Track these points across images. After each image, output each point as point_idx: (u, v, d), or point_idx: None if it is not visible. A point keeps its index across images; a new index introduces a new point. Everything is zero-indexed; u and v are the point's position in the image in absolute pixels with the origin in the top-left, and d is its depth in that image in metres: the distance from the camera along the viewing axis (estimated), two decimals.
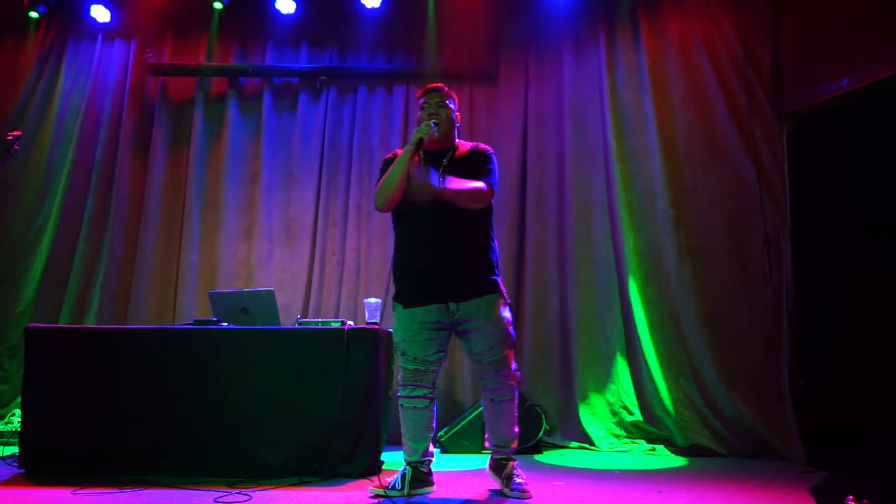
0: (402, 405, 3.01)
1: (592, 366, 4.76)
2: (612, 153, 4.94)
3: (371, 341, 3.48)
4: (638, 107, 4.96)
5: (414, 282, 2.96)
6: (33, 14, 5.59)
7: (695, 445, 4.35)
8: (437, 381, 3.05)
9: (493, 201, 3.02)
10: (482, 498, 2.97)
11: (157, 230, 5.33)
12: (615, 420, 4.62)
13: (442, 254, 2.91)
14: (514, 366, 2.99)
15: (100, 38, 5.65)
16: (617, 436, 4.57)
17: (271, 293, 3.78)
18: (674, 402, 4.48)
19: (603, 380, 4.73)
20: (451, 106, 3.10)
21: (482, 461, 4.02)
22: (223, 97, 5.55)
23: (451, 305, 2.89)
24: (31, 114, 5.51)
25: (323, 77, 5.52)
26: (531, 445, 4.34)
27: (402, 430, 3.03)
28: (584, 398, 4.71)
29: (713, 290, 4.58)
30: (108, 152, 5.44)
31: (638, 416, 4.58)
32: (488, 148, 3.10)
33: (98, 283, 5.21)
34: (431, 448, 3.07)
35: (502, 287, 2.99)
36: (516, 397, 3.03)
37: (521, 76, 5.34)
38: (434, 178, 2.75)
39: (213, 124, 5.51)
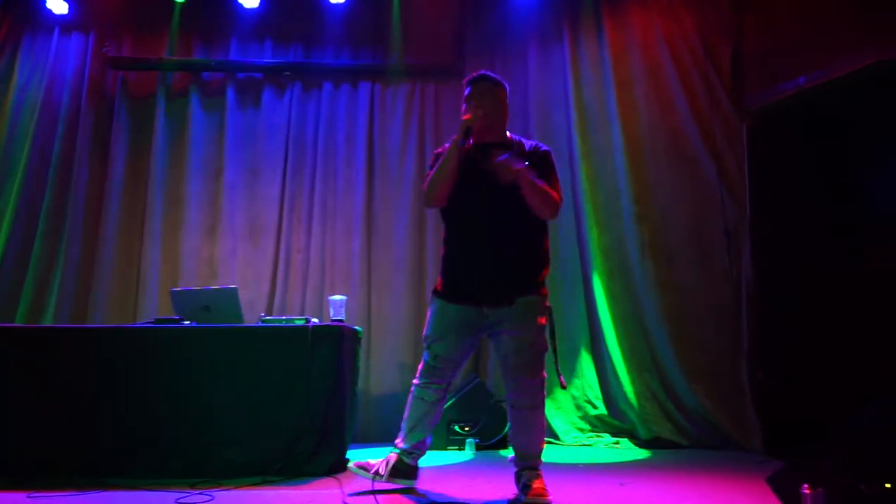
0: (412, 392, 2.97)
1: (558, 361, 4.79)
2: (577, 150, 4.98)
3: (336, 338, 3.46)
4: (602, 104, 5.01)
5: (455, 280, 2.87)
6: None
7: (657, 438, 4.42)
8: (453, 380, 2.98)
9: None
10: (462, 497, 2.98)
11: (118, 227, 5.22)
12: (580, 414, 4.67)
13: (489, 258, 2.78)
14: (541, 374, 2.78)
15: (57, 30, 5.50)
16: (581, 430, 4.61)
17: (234, 291, 3.74)
18: (637, 395, 4.54)
19: (568, 374, 4.77)
20: (500, 95, 2.92)
21: (449, 457, 4.03)
22: (185, 92, 5.46)
23: (486, 309, 2.79)
24: None
25: (287, 73, 5.46)
26: (496, 441, 4.36)
27: (405, 415, 2.97)
28: (549, 393, 4.72)
29: (676, 285, 4.64)
30: (66, 147, 5.31)
31: (602, 410, 4.64)
32: (550, 149, 2.93)
33: (56, 281, 5.08)
34: (427, 444, 2.99)
35: (544, 292, 2.83)
36: (543, 408, 2.82)
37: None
38: (515, 162, 2.64)
39: (175, 120, 5.42)
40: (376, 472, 2.90)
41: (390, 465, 2.93)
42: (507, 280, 2.76)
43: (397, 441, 2.98)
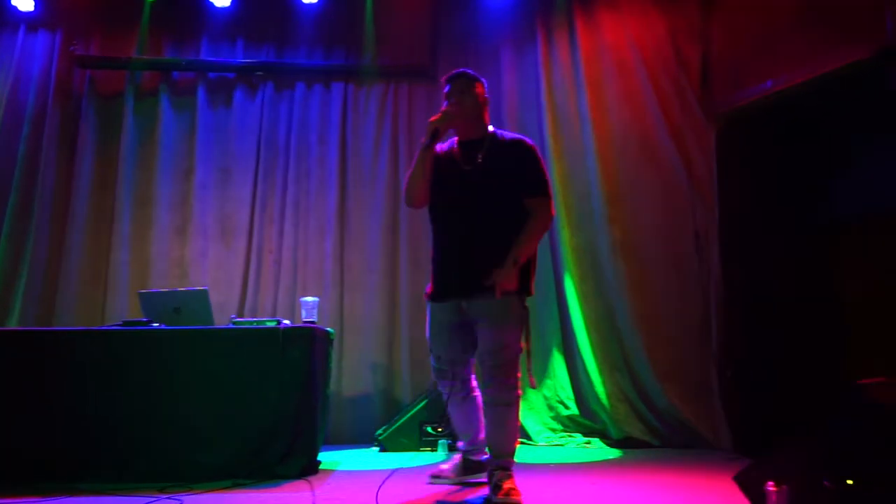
0: (445, 399, 3.05)
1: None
2: (550, 151, 5.00)
3: (307, 340, 3.45)
4: (574, 105, 5.04)
5: (436, 279, 2.93)
6: None
7: (629, 438, 4.46)
8: (465, 376, 3.02)
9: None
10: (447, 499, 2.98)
11: (86, 228, 5.13)
12: (552, 414, 4.69)
13: (460, 252, 2.83)
14: (515, 374, 2.80)
15: (22, 28, 5.39)
16: (553, 430, 4.64)
17: (204, 292, 3.70)
18: (608, 395, 4.58)
19: (540, 375, 4.79)
20: (477, 91, 2.94)
21: (422, 458, 4.03)
22: (155, 92, 5.38)
23: (463, 304, 2.82)
24: None
25: (259, 73, 5.42)
26: None
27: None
28: (522, 393, 4.75)
29: (647, 286, 4.69)
30: (31, 147, 5.20)
31: (574, 410, 4.67)
32: (535, 145, 2.93)
33: (21, 283, 4.96)
34: (481, 439, 3.04)
35: (526, 289, 2.83)
36: (516, 408, 2.83)
37: None
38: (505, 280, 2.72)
39: (144, 119, 5.34)
40: (448, 476, 3.14)
41: (457, 465, 3.14)
42: (477, 270, 2.75)
43: (459, 443, 3.21)
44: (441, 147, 2.97)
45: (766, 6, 4.37)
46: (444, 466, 3.19)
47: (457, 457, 3.18)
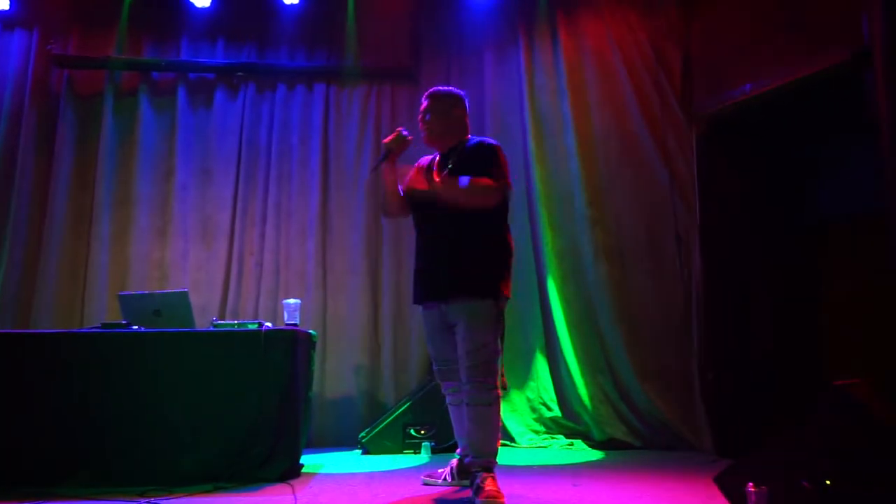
0: (446, 401, 3.18)
1: (513, 363, 4.81)
2: (532, 154, 5.02)
3: (289, 342, 3.43)
4: (556, 109, 5.05)
5: (416, 283, 3.07)
6: None
7: (611, 439, 4.48)
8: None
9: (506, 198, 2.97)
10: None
11: (64, 230, 5.07)
12: (535, 416, 4.70)
13: (434, 255, 2.97)
14: (493, 375, 2.83)
15: None
16: (536, 432, 4.65)
17: (185, 294, 3.67)
18: (591, 397, 4.59)
19: (523, 377, 4.80)
20: (443, 107, 3.08)
21: (405, 461, 4.02)
22: (135, 92, 5.33)
23: (442, 306, 2.93)
24: None
25: (241, 73, 5.38)
26: (451, 444, 4.36)
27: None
28: (505, 395, 4.76)
29: (628, 288, 4.71)
30: (8, 147, 5.13)
31: (557, 412, 4.68)
32: (494, 142, 3.03)
33: None
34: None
35: (500, 293, 2.87)
36: (497, 408, 2.86)
37: (442, 76, 5.34)
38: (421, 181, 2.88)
39: (123, 119, 5.28)
40: (444, 479, 3.13)
41: (453, 469, 3.14)
42: (449, 275, 2.88)
43: (458, 450, 3.20)
44: (424, 160, 3.15)
45: (745, 10, 4.42)
46: (441, 470, 3.21)
47: (453, 461, 3.19)
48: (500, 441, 3.02)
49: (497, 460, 2.89)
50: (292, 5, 5.33)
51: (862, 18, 3.54)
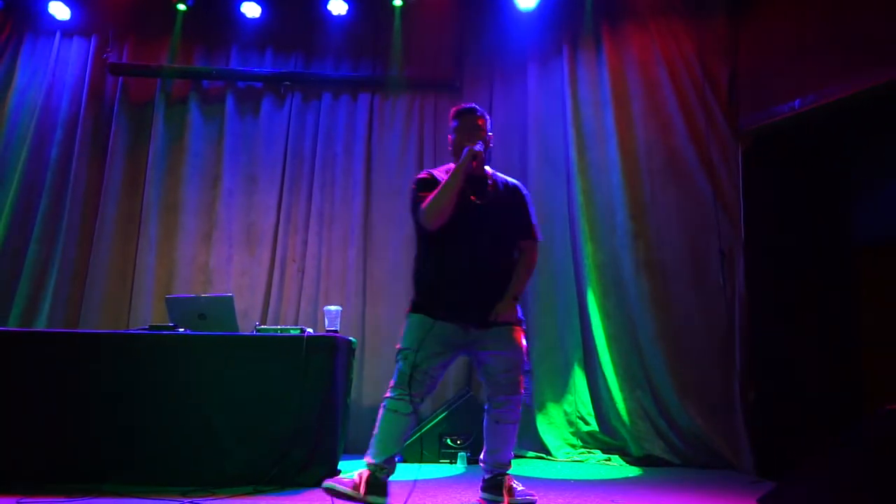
0: (384, 406, 2.91)
1: (551, 376, 4.80)
2: (574, 166, 5.00)
3: (330, 349, 3.47)
4: (599, 121, 5.04)
5: (443, 298, 2.93)
6: None
7: (649, 455, 4.43)
8: (427, 396, 3.00)
9: None
10: None
11: (114, 232, 5.22)
12: (572, 430, 4.67)
13: (477, 281, 2.94)
14: (524, 391, 2.98)
15: (58, 35, 5.52)
16: (573, 445, 4.61)
17: (230, 299, 3.74)
18: (629, 412, 4.55)
19: (561, 390, 4.77)
20: (486, 127, 3.09)
21: (441, 470, 4.03)
22: (185, 99, 5.48)
23: (473, 331, 2.92)
24: None
25: (287, 82, 5.49)
26: None
27: (375, 430, 2.90)
28: (542, 408, 4.75)
29: (670, 303, 4.66)
30: (63, 151, 5.31)
31: (594, 427, 4.64)
32: (527, 192, 3.16)
33: (50, 285, 5.07)
34: (397, 460, 2.94)
35: (521, 314, 3.03)
36: (519, 422, 3.00)
37: (485, 88, 5.38)
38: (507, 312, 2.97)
39: (173, 126, 5.43)
40: (355, 488, 2.79)
41: (365, 481, 2.81)
42: (491, 300, 2.94)
43: (367, 457, 2.87)
44: (440, 176, 3.03)
45: (795, 26, 4.36)
46: (346, 479, 2.86)
47: (364, 472, 2.85)
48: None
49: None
50: (339, 16, 5.42)
51: None
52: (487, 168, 3.11)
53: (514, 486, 2.91)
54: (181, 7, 5.41)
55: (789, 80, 4.31)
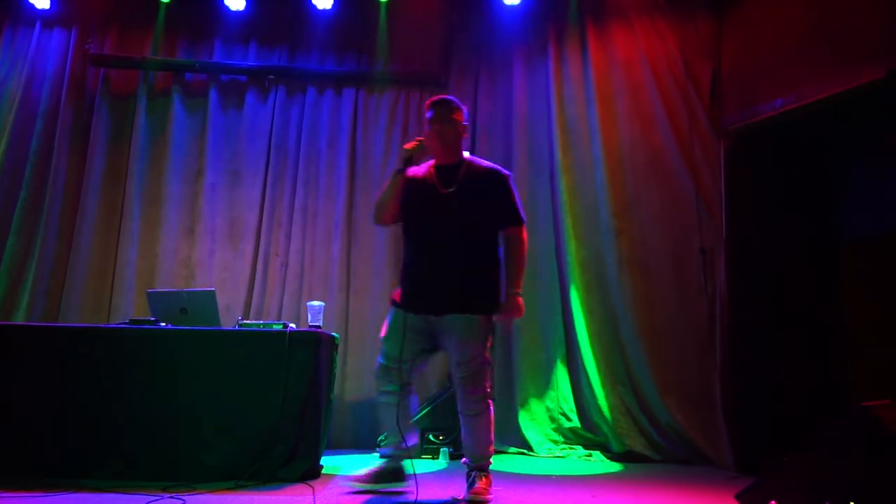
0: (377, 399, 3.13)
1: (533, 372, 4.82)
2: (558, 164, 5.02)
3: (313, 344, 3.46)
4: (584, 119, 5.05)
5: (407, 289, 3.06)
6: None
7: (630, 451, 4.46)
8: (408, 380, 3.10)
9: None
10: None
11: (95, 225, 5.15)
12: (554, 426, 4.69)
13: (430, 269, 3.00)
14: (483, 385, 2.95)
15: (38, 25, 5.42)
16: (555, 441, 4.64)
17: (212, 293, 3.72)
18: (611, 408, 4.58)
19: (543, 386, 4.80)
20: (457, 119, 3.09)
21: (422, 466, 4.04)
22: (168, 92, 5.42)
23: (432, 317, 2.97)
24: None
25: (272, 76, 5.44)
26: None
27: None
28: (524, 404, 4.77)
29: (652, 299, 4.69)
30: (43, 143, 5.23)
31: (576, 423, 4.67)
32: (508, 174, 3.12)
33: (29, 278, 4.99)
34: (408, 443, 3.07)
35: (495, 308, 2.99)
36: (487, 416, 2.99)
37: (471, 83, 5.38)
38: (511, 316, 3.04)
39: (156, 119, 5.37)
40: (358, 479, 3.05)
41: (374, 470, 3.07)
42: (447, 292, 2.96)
43: (379, 449, 3.18)
44: (417, 170, 3.13)
45: (778, 26, 4.40)
46: (363, 472, 3.13)
47: (376, 462, 3.17)
48: (493, 445, 3.08)
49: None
50: (324, 10, 5.38)
51: None
52: (466, 154, 3.13)
53: (474, 484, 2.93)
54: None
55: (773, 79, 4.35)
